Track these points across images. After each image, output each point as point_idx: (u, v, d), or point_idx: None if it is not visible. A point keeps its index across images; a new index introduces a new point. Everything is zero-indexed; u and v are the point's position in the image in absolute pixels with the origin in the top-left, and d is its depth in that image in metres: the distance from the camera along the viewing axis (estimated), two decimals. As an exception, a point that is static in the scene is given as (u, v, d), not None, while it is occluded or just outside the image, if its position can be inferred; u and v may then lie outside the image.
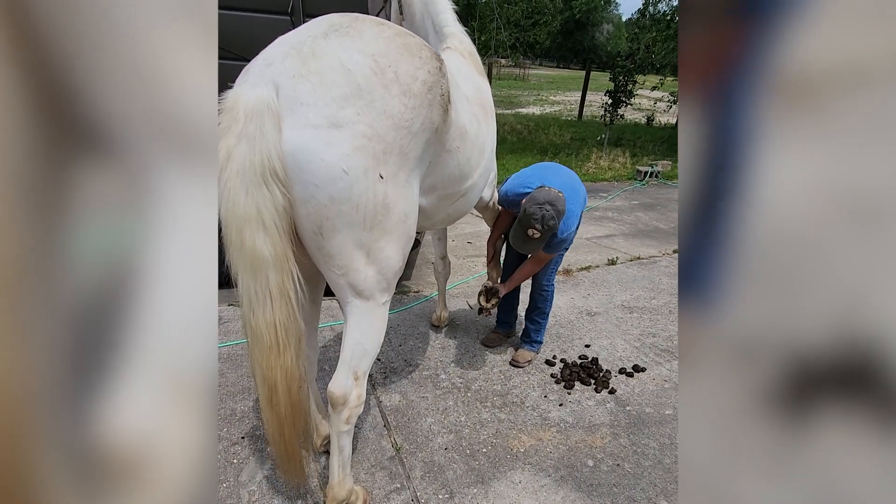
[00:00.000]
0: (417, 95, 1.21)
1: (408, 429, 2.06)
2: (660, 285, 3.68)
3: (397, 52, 1.19)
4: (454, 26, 2.16)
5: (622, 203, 6.09)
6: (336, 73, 1.11)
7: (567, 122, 13.10)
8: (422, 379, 2.41)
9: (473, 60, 2.09)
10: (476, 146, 1.65)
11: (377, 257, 1.29)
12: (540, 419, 2.17)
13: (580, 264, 3.96)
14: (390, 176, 1.21)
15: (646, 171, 7.35)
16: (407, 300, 3.24)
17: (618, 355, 2.71)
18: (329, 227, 1.19)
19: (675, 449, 2.02)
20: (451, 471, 1.85)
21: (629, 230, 5.02)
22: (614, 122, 9.15)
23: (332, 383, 1.41)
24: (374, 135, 1.15)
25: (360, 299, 1.34)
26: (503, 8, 9.87)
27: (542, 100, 18.51)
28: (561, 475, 1.86)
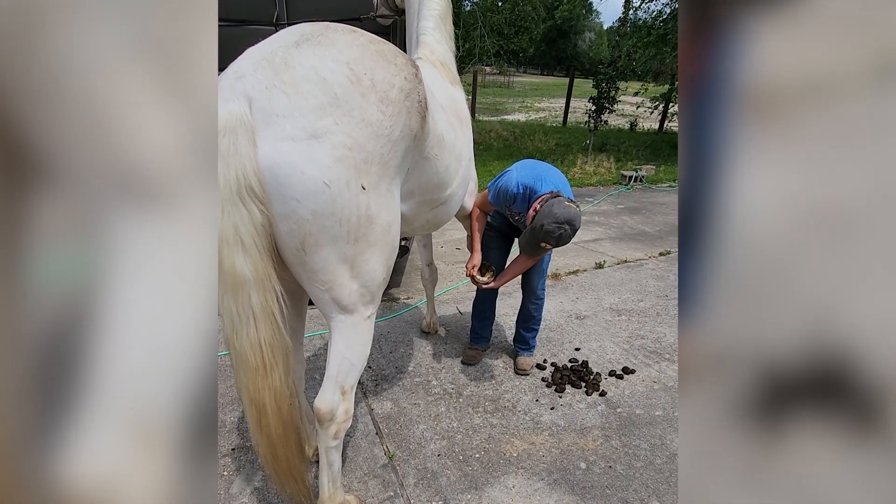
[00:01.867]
0: (395, 103, 1.18)
1: (400, 436, 2.05)
2: (647, 288, 3.73)
3: (372, 60, 1.17)
4: (429, 34, 2.11)
5: (608, 207, 6.17)
6: (311, 82, 1.07)
7: (552, 128, 13.26)
8: (413, 386, 2.41)
9: (446, 70, 2.05)
10: (454, 154, 1.64)
11: (361, 270, 1.26)
12: (532, 423, 2.18)
13: (568, 268, 4.00)
14: (372, 186, 1.18)
15: (630, 176, 7.47)
16: (396, 307, 3.23)
17: (607, 358, 2.73)
18: (312, 242, 1.16)
19: (665, 449, 2.04)
20: (445, 477, 1.84)
21: (616, 234, 5.09)
22: (598, 128, 9.31)
23: (319, 399, 1.38)
24: (355, 144, 1.11)
25: (344, 314, 1.31)
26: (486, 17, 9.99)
27: (527, 107, 18.73)
28: (554, 478, 1.86)
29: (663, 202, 6.59)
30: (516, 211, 2.20)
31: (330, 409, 1.37)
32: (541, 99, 21.97)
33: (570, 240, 1.96)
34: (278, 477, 1.34)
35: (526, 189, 2.10)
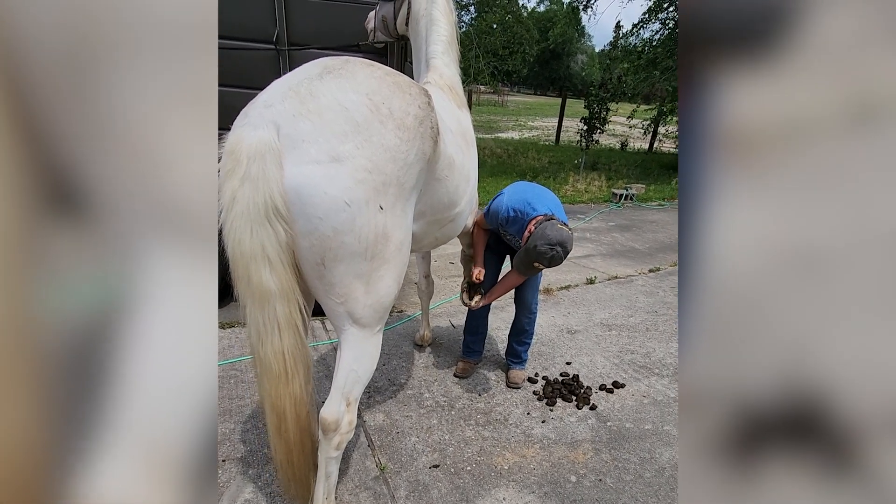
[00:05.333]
0: (410, 129, 1.28)
1: (392, 448, 2.05)
2: (637, 304, 3.78)
3: (389, 91, 1.26)
4: (439, 59, 2.20)
5: (599, 224, 6.26)
6: (334, 111, 1.16)
7: (545, 146, 13.47)
8: (406, 398, 2.41)
9: (454, 94, 2.15)
10: (462, 175, 1.73)
11: (376, 286, 1.33)
12: (523, 436, 2.19)
13: (560, 283, 4.04)
14: (389, 206, 1.26)
15: (621, 194, 7.60)
16: (390, 319, 3.25)
17: (598, 372, 2.76)
18: (332, 257, 1.23)
19: (654, 463, 2.06)
20: (436, 490, 1.84)
21: (606, 250, 5.16)
22: (590, 147, 9.48)
23: (325, 409, 1.41)
24: (374, 168, 1.20)
25: (356, 327, 1.37)
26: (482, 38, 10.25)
27: (521, 125, 19.02)
28: (545, 491, 1.87)
29: (653, 220, 6.70)
30: (509, 233, 2.27)
31: (336, 419, 1.41)
32: (534, 118, 22.33)
33: (561, 261, 2.02)
34: (289, 481, 1.40)
35: (516, 213, 2.18)
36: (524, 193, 2.22)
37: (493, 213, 2.26)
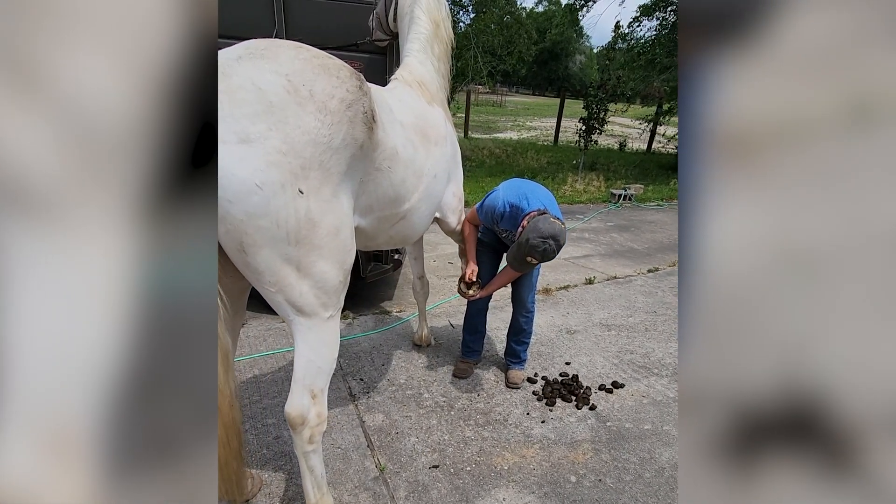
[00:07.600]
0: (335, 112, 1.23)
1: (391, 448, 2.05)
2: (635, 303, 3.78)
3: (313, 73, 1.22)
4: (413, 56, 2.17)
5: (598, 224, 6.27)
6: (247, 91, 1.12)
7: (543, 146, 13.49)
8: (405, 398, 2.41)
9: (423, 90, 2.10)
10: (411, 170, 1.67)
11: (309, 272, 1.29)
12: (523, 436, 2.19)
13: (559, 283, 4.04)
14: (312, 191, 1.22)
15: (619, 194, 7.61)
16: (389, 320, 3.24)
17: (597, 372, 2.76)
18: (250, 242, 1.19)
19: (654, 463, 2.06)
20: (436, 490, 1.84)
21: (605, 251, 5.16)
22: (589, 148, 9.49)
23: (288, 404, 1.39)
24: (290, 150, 1.15)
25: (301, 316, 1.34)
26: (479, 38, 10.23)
27: (519, 125, 19.04)
28: (545, 492, 1.87)
29: (651, 220, 6.71)
30: (503, 228, 2.27)
31: (300, 414, 1.39)
32: (532, 118, 22.36)
33: (555, 255, 2.01)
34: (220, 480, 1.32)
35: (512, 207, 2.17)
36: (519, 189, 2.22)
37: (488, 209, 2.25)
